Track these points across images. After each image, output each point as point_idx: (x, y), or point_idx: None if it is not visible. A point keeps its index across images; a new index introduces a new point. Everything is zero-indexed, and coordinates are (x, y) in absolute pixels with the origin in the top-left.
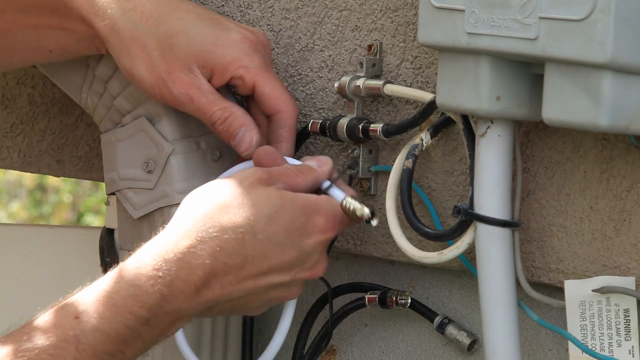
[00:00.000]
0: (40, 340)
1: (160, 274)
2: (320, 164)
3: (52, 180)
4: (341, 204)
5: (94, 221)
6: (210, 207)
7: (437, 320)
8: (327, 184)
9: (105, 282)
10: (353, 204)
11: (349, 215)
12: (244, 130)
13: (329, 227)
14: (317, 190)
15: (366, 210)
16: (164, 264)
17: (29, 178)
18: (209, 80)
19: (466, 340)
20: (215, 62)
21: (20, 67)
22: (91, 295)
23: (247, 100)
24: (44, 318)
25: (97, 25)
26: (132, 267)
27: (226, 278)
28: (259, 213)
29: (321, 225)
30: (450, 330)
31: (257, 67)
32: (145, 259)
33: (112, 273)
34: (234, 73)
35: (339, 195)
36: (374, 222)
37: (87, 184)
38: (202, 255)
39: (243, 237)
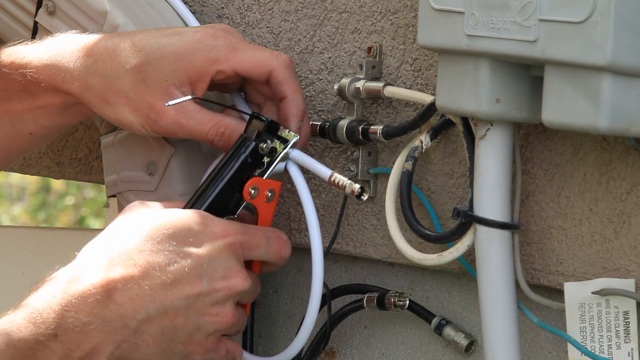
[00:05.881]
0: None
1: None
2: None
3: (55, 184)
4: (329, 180)
5: (95, 224)
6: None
7: (435, 321)
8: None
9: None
10: (342, 179)
11: (339, 189)
12: None
13: (227, 231)
14: None
15: (356, 186)
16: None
17: (32, 181)
18: (193, 93)
19: (464, 342)
20: (188, 74)
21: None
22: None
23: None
24: None
25: (72, 90)
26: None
27: (131, 290)
28: (139, 227)
29: (217, 230)
30: (448, 331)
31: (226, 52)
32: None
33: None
34: (211, 72)
35: (326, 171)
36: (365, 197)
37: (89, 186)
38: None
39: (127, 248)
